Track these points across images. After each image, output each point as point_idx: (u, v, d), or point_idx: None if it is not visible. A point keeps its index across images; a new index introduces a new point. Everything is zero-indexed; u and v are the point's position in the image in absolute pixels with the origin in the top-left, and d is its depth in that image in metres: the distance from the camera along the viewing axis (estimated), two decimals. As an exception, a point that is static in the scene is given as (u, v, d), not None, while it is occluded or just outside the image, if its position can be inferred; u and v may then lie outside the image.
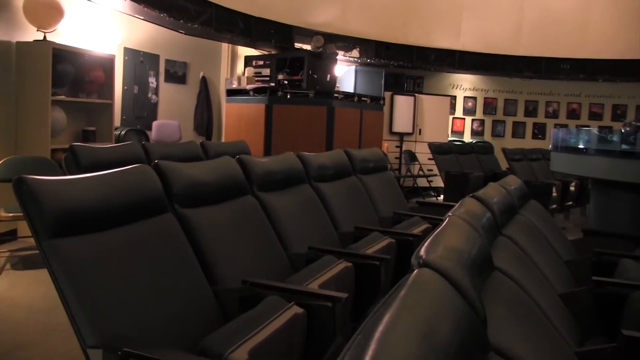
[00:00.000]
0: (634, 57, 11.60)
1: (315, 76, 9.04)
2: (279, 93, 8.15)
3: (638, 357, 1.89)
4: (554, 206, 8.15)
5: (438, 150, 9.90)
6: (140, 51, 8.77)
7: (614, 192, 5.95)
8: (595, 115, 13.14)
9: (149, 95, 9.12)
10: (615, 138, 6.24)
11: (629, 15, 10.64)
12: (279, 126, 7.87)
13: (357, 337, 1.11)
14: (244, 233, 3.02)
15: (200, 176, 2.91)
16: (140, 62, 8.83)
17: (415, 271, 1.33)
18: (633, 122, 6.83)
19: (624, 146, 5.97)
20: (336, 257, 2.96)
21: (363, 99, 9.21)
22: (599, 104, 13.17)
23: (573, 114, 13.31)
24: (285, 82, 8.75)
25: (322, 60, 9.33)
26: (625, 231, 5.06)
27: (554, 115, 13.42)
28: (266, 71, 9.47)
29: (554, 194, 8.19)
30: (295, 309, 2.26)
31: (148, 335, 2.05)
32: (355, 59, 11.53)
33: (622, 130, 6.54)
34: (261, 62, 9.70)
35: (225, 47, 10.40)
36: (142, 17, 7.99)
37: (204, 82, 10.10)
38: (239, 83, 9.34)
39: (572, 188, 8.81)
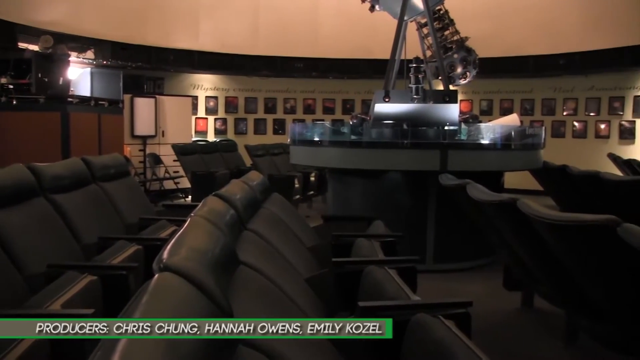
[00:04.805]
0: (358, 57, 12.79)
1: (46, 79, 8.43)
2: (3, 99, 7.43)
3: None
4: (298, 197, 8.63)
5: (182, 151, 9.87)
6: None
7: (348, 179, 6.49)
8: (328, 110, 14.18)
9: None
10: (346, 130, 6.79)
11: (354, 18, 11.58)
12: (5, 136, 7.15)
13: (96, 353, 1.06)
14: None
15: None
16: None
17: (156, 276, 1.31)
18: (359, 115, 7.52)
19: (353, 137, 6.53)
20: (79, 272, 2.79)
21: (100, 102, 8.81)
22: (331, 99, 14.23)
23: (309, 109, 14.21)
24: (10, 86, 7.99)
25: (52, 62, 8.71)
26: (358, 213, 5.54)
27: (292, 111, 14.18)
28: (-14, 75, 8.54)
29: (297, 185, 8.67)
30: (35, 336, 2.07)
31: None
32: (90, 61, 10.96)
33: (351, 123, 7.15)
34: (-21, 65, 8.72)
35: None
36: None
37: None
38: (-48, 89, 8.29)
39: (312, 178, 9.40)
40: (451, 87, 7.53)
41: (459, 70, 8.11)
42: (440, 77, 7.47)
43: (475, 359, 1.58)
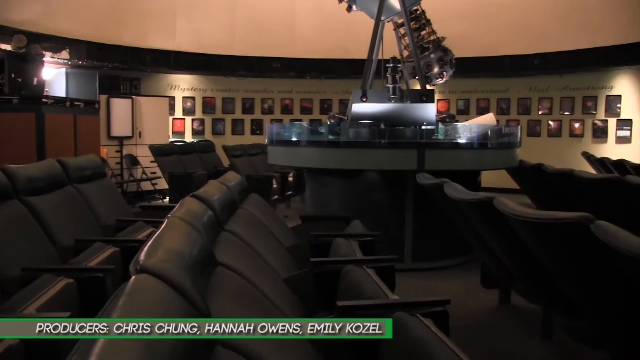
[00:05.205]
0: (335, 57, 12.81)
1: (20, 80, 8.32)
2: (-25, 100, 7.31)
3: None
4: (276, 197, 8.62)
5: (160, 152, 9.79)
6: None
7: (325, 179, 6.49)
8: (306, 110, 14.17)
9: None
10: (324, 130, 6.78)
11: (331, 19, 11.59)
12: (-22, 138, 7.05)
13: (73, 355, 1.05)
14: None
15: None
16: None
17: (133, 278, 1.30)
18: (337, 115, 7.53)
19: (330, 137, 6.53)
20: (55, 275, 2.75)
21: (76, 103, 8.73)
22: (308, 99, 14.23)
23: (286, 109, 14.19)
24: (-18, 87, 7.89)
25: (26, 62, 8.61)
26: (336, 213, 5.55)
27: (270, 111, 14.16)
28: (-43, 74, 8.41)
29: (275, 186, 8.66)
30: (9, 341, 2.04)
31: None
32: (66, 61, 10.83)
33: (329, 122, 7.16)
34: (-50, 64, 8.57)
35: None
36: None
37: None
38: None
39: (290, 178, 9.40)
40: (428, 87, 7.57)
41: (436, 70, 8.17)
42: (417, 77, 7.50)
43: (453, 356, 1.59)
